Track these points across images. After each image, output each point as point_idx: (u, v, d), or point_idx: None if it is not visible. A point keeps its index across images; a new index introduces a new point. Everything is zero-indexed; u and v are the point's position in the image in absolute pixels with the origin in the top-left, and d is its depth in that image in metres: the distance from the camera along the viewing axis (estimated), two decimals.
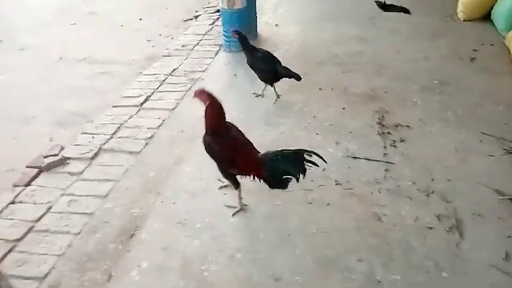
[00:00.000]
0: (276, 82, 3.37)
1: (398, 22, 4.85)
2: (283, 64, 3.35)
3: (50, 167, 2.84)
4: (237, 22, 4.11)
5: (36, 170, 2.84)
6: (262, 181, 2.25)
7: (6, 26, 5.64)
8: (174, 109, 3.40)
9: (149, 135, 3.07)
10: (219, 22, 5.08)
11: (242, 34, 3.37)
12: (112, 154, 2.92)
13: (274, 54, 3.47)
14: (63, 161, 2.88)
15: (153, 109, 3.43)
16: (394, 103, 3.31)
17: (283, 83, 3.48)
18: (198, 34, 4.78)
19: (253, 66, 3.37)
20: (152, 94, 3.66)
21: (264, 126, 3.09)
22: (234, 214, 2.38)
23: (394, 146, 2.82)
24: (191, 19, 5.49)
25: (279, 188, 2.23)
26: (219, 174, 2.39)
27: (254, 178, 2.25)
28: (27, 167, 2.91)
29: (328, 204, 2.42)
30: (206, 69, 4.01)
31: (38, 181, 2.75)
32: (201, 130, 2.31)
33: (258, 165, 2.17)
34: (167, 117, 3.30)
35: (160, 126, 3.19)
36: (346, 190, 2.50)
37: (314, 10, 5.40)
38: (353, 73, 3.78)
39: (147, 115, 3.34)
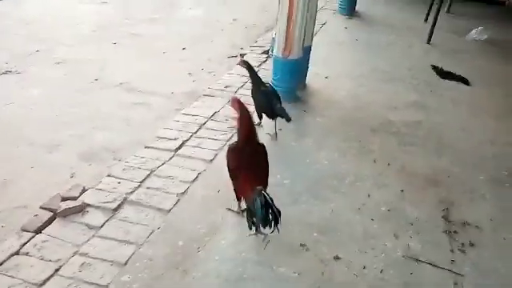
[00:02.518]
0: (272, 118, 3.33)
1: (459, 92, 4.49)
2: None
3: (66, 213, 2.50)
4: (290, 71, 3.81)
5: (50, 214, 2.50)
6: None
7: (46, 37, 5.48)
8: (211, 160, 3.06)
9: (181, 190, 2.72)
10: (266, 65, 4.83)
11: (250, 65, 3.36)
12: (137, 208, 2.57)
13: (324, 113, 3.44)
14: (82, 208, 2.54)
15: (189, 157, 3.09)
16: (459, 193, 2.90)
17: (334, 150, 3.14)
18: (243, 76, 4.48)
19: (255, 98, 3.33)
20: (189, 138, 3.33)
21: (311, 199, 2.71)
22: (228, 209, 2.52)
23: (463, 252, 2.40)
24: (236, 56, 5.23)
25: (247, 221, 2.23)
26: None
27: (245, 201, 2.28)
28: (41, 208, 2.58)
29: None
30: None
31: (51, 229, 2.41)
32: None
33: (248, 192, 2.17)
34: (203, 169, 2.96)
35: (195, 180, 2.84)
36: None
37: (365, 64, 5.09)
38: (411, 147, 3.40)
39: (182, 164, 3.01)
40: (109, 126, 3.60)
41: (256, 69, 4.67)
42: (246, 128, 2.32)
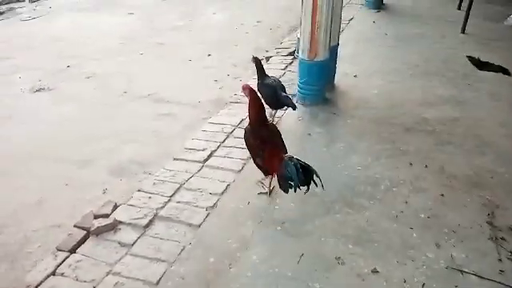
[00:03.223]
0: (279, 108, 3.51)
1: (498, 85, 4.24)
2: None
3: (99, 231, 2.51)
4: (316, 74, 3.71)
5: (84, 233, 2.52)
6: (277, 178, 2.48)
7: (75, 52, 5.61)
8: (240, 171, 3.00)
9: (211, 203, 2.68)
10: (292, 67, 4.74)
11: (258, 60, 3.51)
12: (168, 223, 2.55)
13: (355, 114, 3.55)
14: (114, 225, 2.55)
15: (217, 168, 3.05)
16: (504, 195, 2.71)
17: (367, 153, 3.02)
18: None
19: (260, 90, 3.36)
20: (217, 148, 3.30)
21: (345, 208, 2.60)
22: (259, 193, 2.72)
23: None
24: (261, 59, 5.15)
25: (282, 189, 2.48)
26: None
27: (272, 174, 2.54)
28: (75, 226, 2.60)
29: None
30: (277, 123, 3.60)
31: (85, 247, 2.42)
32: (270, 204, 2.57)
33: (278, 161, 2.39)
34: (233, 180, 2.91)
35: (224, 191, 2.79)
36: None
37: (396, 59, 4.91)
38: (449, 146, 3.23)
39: (211, 175, 2.97)
40: (137, 138, 3.61)
41: (281, 72, 4.63)
42: (257, 110, 2.57)
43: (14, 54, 5.59)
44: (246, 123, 2.70)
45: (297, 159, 2.34)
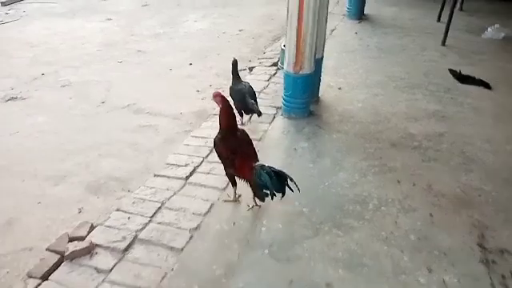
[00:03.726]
0: (248, 114, 3.62)
1: (480, 99, 4.26)
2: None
3: (74, 256, 2.35)
4: (302, 87, 3.64)
5: (57, 257, 2.36)
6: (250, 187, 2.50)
7: (51, 59, 5.40)
8: (224, 188, 2.89)
9: (194, 225, 2.56)
10: (276, 79, 4.67)
11: (235, 64, 3.66)
12: (148, 247, 2.41)
13: (340, 128, 3.59)
14: (91, 249, 2.39)
15: (200, 185, 2.93)
16: (493, 214, 2.68)
17: (354, 170, 2.96)
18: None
19: (230, 94, 3.56)
20: (200, 163, 3.17)
21: (334, 229, 2.52)
22: (225, 201, 2.71)
23: (505, 286, 2.19)
24: (244, 70, 5.06)
25: (258, 198, 2.49)
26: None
27: (246, 182, 2.50)
28: (48, 250, 2.44)
29: None
30: (262, 137, 3.52)
31: (58, 274, 2.26)
32: (256, 225, 2.49)
33: (249, 171, 2.40)
34: (217, 199, 2.79)
35: (208, 212, 2.67)
36: None
37: (379, 72, 4.89)
38: (435, 163, 3.19)
39: (193, 193, 2.84)
40: (116, 152, 3.46)
41: (265, 83, 4.55)
42: (227, 118, 2.57)
43: None
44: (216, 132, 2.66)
45: (268, 166, 2.35)
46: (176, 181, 2.98)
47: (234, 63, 3.66)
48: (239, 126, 2.86)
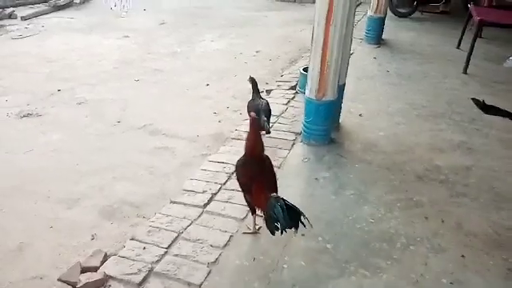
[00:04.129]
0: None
1: (506, 131, 4.11)
2: None
3: None
4: (324, 114, 3.53)
5: None
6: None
7: (67, 75, 5.38)
8: (243, 219, 2.76)
9: (212, 258, 2.43)
10: (294, 103, 4.59)
11: (255, 81, 3.84)
12: (165, 281, 2.28)
13: (363, 158, 3.53)
14: (104, 281, 2.28)
15: (218, 214, 2.81)
16: None
17: (379, 204, 2.83)
18: (271, 115, 4.22)
19: (248, 106, 3.73)
20: (218, 191, 3.06)
21: (360, 269, 2.38)
22: (244, 233, 2.62)
23: None
24: (262, 92, 4.97)
25: (268, 230, 2.30)
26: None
27: (261, 211, 2.40)
28: (59, 280, 2.32)
29: None
30: (282, 164, 3.40)
31: None
32: (278, 261, 2.39)
33: (265, 200, 2.29)
34: (235, 230, 2.67)
35: (227, 244, 2.55)
36: None
37: (400, 99, 4.78)
38: (464, 199, 3.05)
39: (211, 224, 2.72)
40: (131, 175, 3.36)
41: (284, 107, 4.46)
42: (252, 143, 2.48)
43: (2, 75, 5.33)
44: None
45: (283, 199, 2.22)
46: (193, 209, 2.87)
47: (253, 80, 3.83)
48: (262, 133, 2.89)
